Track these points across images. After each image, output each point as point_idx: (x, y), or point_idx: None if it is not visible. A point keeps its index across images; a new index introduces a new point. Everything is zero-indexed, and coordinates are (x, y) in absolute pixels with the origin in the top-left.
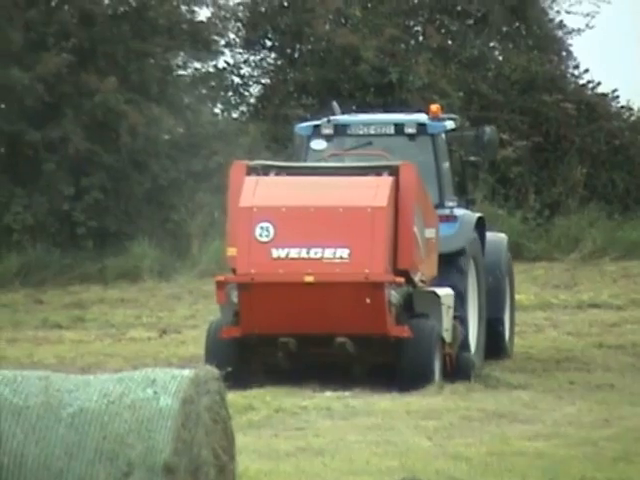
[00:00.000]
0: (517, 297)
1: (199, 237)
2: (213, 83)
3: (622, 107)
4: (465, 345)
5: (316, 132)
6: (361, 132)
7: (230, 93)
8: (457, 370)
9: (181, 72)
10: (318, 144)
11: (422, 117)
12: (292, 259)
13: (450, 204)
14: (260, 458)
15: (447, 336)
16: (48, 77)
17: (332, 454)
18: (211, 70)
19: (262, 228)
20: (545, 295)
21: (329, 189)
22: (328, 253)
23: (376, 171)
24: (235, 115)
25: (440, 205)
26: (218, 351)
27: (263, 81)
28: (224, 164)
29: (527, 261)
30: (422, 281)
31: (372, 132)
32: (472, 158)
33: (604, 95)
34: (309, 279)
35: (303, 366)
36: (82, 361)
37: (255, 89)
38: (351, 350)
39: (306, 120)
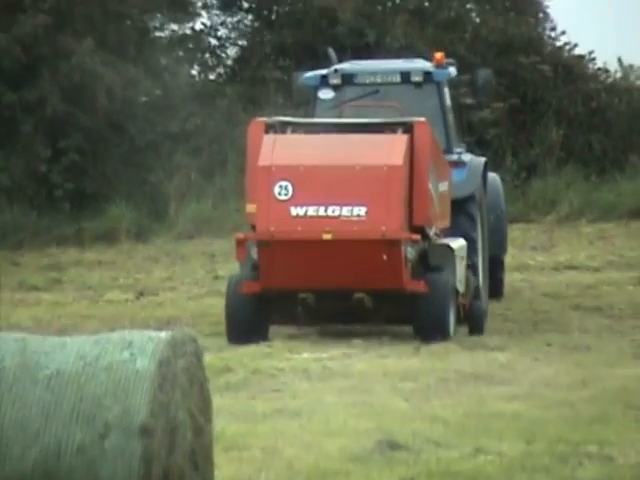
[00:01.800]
0: None
1: (176, 199)
2: (190, 45)
3: (599, 69)
4: (477, 294)
5: (324, 82)
6: (368, 81)
7: (207, 55)
8: (470, 320)
9: (158, 34)
10: (326, 93)
11: (427, 65)
12: (310, 217)
13: (458, 150)
14: (237, 420)
15: (461, 287)
16: (25, 38)
17: (309, 416)
18: (188, 32)
19: (281, 187)
20: (522, 256)
21: (346, 147)
22: (345, 211)
23: (391, 128)
24: (212, 77)
25: (448, 151)
26: (238, 306)
27: (240, 43)
28: (201, 126)
29: None
30: (436, 234)
31: (379, 81)
32: (468, 101)
33: (581, 57)
34: (327, 237)
35: (322, 321)
36: (59, 323)
37: (232, 51)
38: (369, 305)
39: (284, 82)
